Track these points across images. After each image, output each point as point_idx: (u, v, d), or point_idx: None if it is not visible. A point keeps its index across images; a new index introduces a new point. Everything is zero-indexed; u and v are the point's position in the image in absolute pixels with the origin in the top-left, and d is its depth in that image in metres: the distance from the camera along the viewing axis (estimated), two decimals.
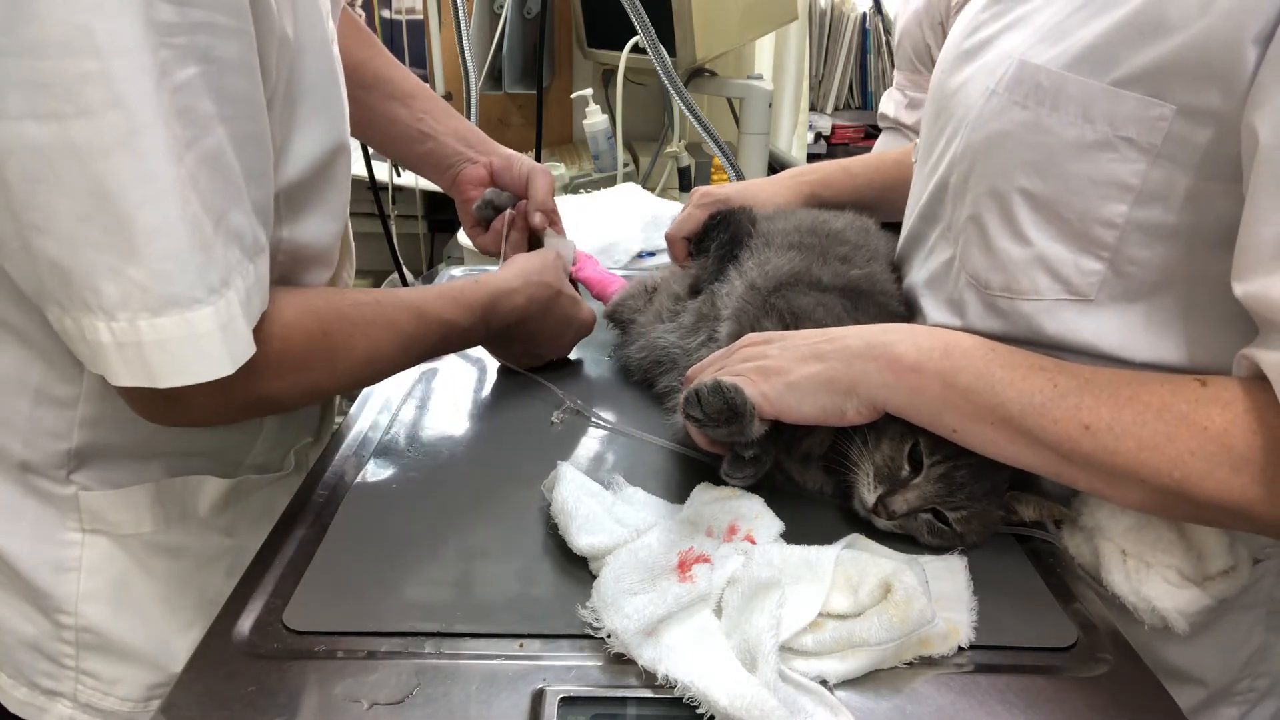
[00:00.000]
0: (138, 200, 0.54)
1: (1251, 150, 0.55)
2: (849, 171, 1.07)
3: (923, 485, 0.65)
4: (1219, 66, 0.56)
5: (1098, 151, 0.62)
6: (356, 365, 0.73)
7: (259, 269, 0.63)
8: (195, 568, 0.78)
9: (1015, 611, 0.61)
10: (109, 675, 0.77)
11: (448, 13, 2.05)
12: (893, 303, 0.83)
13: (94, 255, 0.54)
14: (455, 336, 0.82)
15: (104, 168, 0.53)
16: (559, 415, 0.85)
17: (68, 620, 0.75)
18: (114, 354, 0.57)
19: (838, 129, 3.36)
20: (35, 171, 0.52)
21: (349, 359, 0.72)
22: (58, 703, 0.78)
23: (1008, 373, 0.61)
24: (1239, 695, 0.75)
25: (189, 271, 0.57)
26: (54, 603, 0.74)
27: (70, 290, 0.56)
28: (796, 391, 0.65)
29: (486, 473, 0.76)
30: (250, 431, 0.81)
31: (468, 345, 0.89)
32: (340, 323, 0.71)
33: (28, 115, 0.51)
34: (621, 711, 0.53)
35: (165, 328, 0.57)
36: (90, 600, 0.74)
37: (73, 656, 0.76)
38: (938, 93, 0.80)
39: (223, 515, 0.80)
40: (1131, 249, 0.63)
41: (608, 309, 1.01)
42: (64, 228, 0.54)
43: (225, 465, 0.80)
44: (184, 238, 0.56)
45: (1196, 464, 0.55)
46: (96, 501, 0.73)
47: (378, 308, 0.75)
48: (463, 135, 1.07)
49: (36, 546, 0.73)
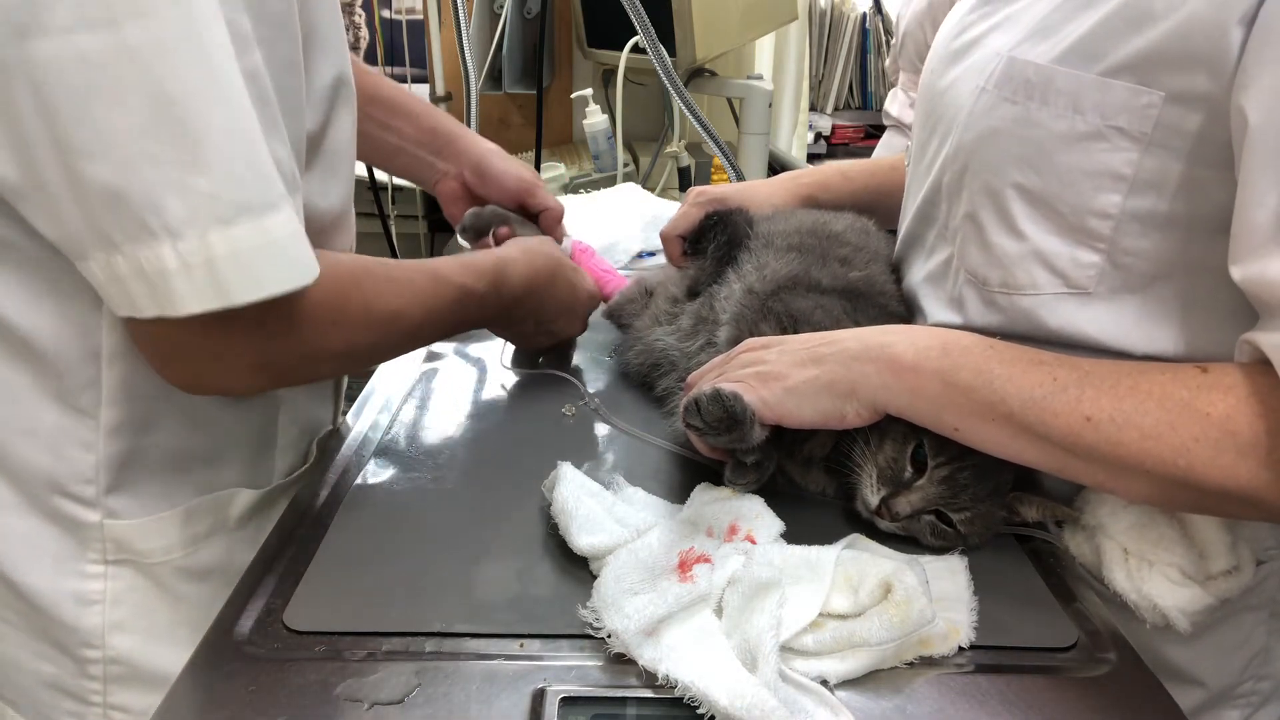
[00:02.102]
0: (205, 102, 0.51)
1: (1241, 133, 0.55)
2: (846, 175, 1.07)
3: (926, 487, 0.65)
4: (1205, 50, 0.56)
5: (1089, 143, 0.63)
6: (386, 321, 0.70)
7: (297, 204, 0.60)
8: (225, 585, 0.74)
9: (1015, 611, 0.61)
10: (139, 706, 0.73)
11: (448, 13, 2.05)
12: (892, 303, 0.83)
13: (155, 172, 0.51)
14: (472, 302, 0.80)
15: (166, 69, 0.50)
16: (570, 407, 0.85)
17: (94, 654, 0.71)
18: (181, 279, 0.53)
19: (838, 129, 3.36)
20: (88, 87, 0.49)
21: (381, 312, 0.69)
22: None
23: (1007, 368, 0.61)
24: (1241, 698, 0.75)
25: (259, 175, 0.54)
26: (80, 637, 0.71)
27: (126, 218, 0.52)
28: (796, 396, 0.65)
29: (487, 472, 0.76)
30: (270, 424, 0.79)
31: (483, 316, 0.84)
32: (368, 277, 0.69)
33: (77, 25, 0.48)
34: (622, 711, 0.53)
35: (239, 238, 0.53)
36: (117, 632, 0.71)
37: (100, 692, 0.73)
38: (927, 94, 0.80)
39: (250, 526, 0.77)
40: (1128, 240, 0.63)
41: (605, 310, 1.01)
42: (121, 145, 0.50)
43: (255, 473, 0.78)
44: (252, 138, 0.53)
45: (1201, 451, 0.55)
46: (123, 532, 0.70)
47: (397, 267, 0.73)
48: (429, 143, 1.02)
49: (58, 580, 0.70)
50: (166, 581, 0.73)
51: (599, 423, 0.84)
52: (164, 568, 0.72)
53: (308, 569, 0.62)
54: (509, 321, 0.89)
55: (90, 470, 0.68)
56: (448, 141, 1.02)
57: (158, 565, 0.72)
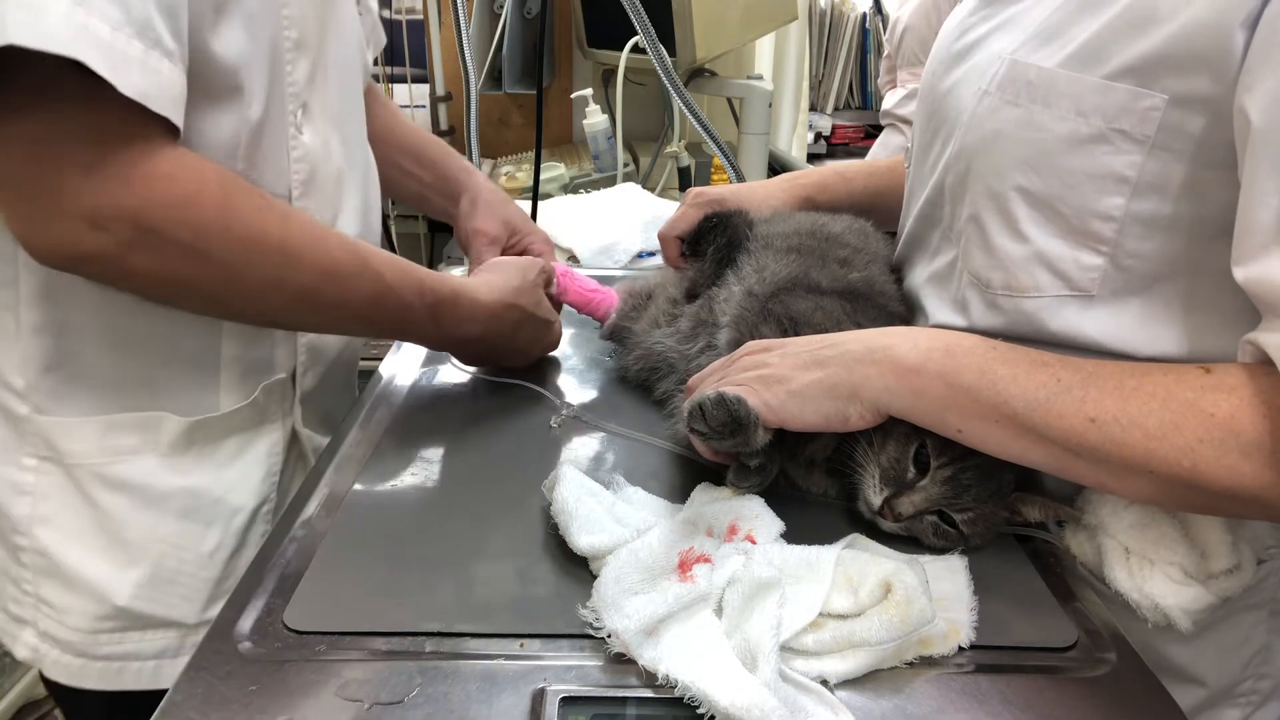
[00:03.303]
0: None
1: (1244, 135, 0.55)
2: (843, 176, 1.07)
3: (929, 487, 0.65)
4: (1208, 53, 0.56)
5: (1092, 145, 0.63)
6: (249, 242, 0.66)
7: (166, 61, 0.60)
8: (143, 505, 0.78)
9: (1015, 611, 0.61)
10: (60, 603, 0.78)
11: (448, 13, 2.05)
12: (892, 304, 0.83)
13: None
14: (393, 306, 0.77)
15: None
16: (557, 420, 0.85)
17: (23, 541, 0.77)
18: None
19: (838, 129, 3.36)
20: None
21: (245, 230, 0.66)
22: (25, 630, 0.80)
23: (1010, 370, 0.61)
24: (1241, 697, 0.75)
25: None
26: (10, 524, 0.77)
27: None
28: (799, 399, 0.65)
29: (486, 473, 0.76)
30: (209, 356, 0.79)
31: (406, 327, 0.82)
32: (250, 196, 0.67)
33: None
34: (622, 711, 0.53)
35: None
36: (42, 525, 0.77)
37: (31, 581, 0.78)
38: (929, 95, 0.80)
39: (180, 456, 0.79)
40: (1131, 242, 0.63)
41: (604, 332, 0.98)
42: None
43: (195, 405, 0.80)
44: None
45: (1206, 451, 0.54)
46: (48, 427, 0.75)
47: (310, 222, 0.73)
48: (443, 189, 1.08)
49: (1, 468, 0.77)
50: (87, 486, 0.77)
51: (598, 425, 0.84)
52: (83, 470, 0.77)
53: (308, 569, 0.62)
54: (452, 349, 0.90)
55: (19, 362, 0.74)
56: (456, 187, 1.07)
57: (77, 467, 0.77)
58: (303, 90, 0.79)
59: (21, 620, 0.80)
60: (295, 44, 0.77)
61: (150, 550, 0.79)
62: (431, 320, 0.81)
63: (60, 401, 0.75)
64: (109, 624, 0.79)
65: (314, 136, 0.82)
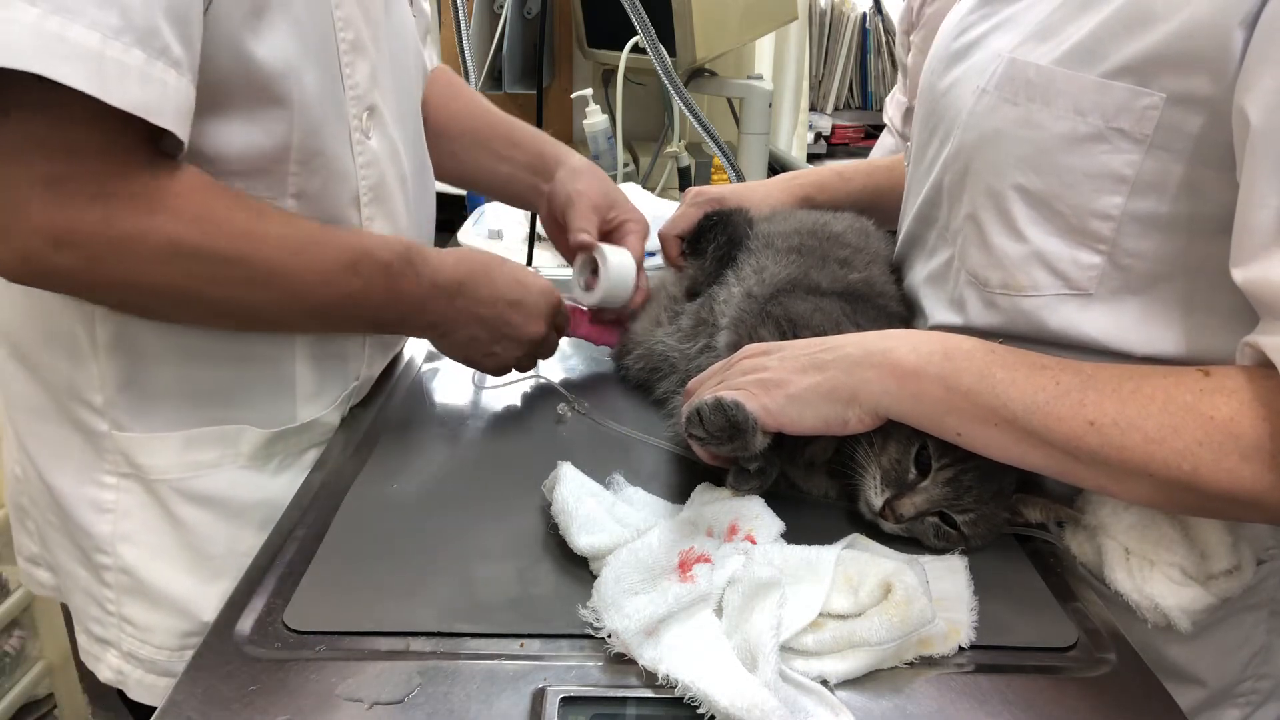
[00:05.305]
0: None
1: (1243, 134, 0.55)
2: (843, 176, 1.07)
3: (930, 489, 0.65)
4: (1207, 52, 0.56)
5: (1090, 144, 0.63)
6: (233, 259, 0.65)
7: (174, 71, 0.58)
8: (225, 518, 0.77)
9: (1015, 611, 0.61)
10: (144, 622, 0.77)
11: (448, 13, 2.05)
12: (892, 304, 0.83)
13: None
14: (374, 271, 0.72)
15: None
16: (565, 409, 0.85)
17: (106, 560, 0.76)
18: None
19: (838, 129, 3.36)
20: None
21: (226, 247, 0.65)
22: (109, 652, 0.79)
23: (1009, 373, 0.61)
24: (1241, 697, 0.75)
25: None
26: (94, 543, 0.76)
27: None
28: (798, 403, 0.64)
29: (486, 473, 0.76)
30: (284, 368, 0.78)
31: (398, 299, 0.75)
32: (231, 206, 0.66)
33: None
34: (622, 711, 0.53)
35: None
36: (124, 542, 0.76)
37: (114, 601, 0.77)
38: (928, 94, 0.80)
39: (260, 468, 0.78)
40: (1129, 241, 0.63)
41: (615, 353, 0.96)
42: None
43: (274, 416, 0.79)
44: None
45: (1205, 454, 0.54)
46: (127, 444, 0.74)
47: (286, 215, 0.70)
48: (537, 166, 1.02)
49: (79, 486, 0.75)
50: (169, 501, 0.76)
51: (596, 425, 0.84)
52: (164, 486, 0.76)
53: (308, 569, 0.62)
54: (448, 325, 0.80)
55: (96, 379, 0.73)
56: (551, 162, 1.02)
57: (158, 483, 0.76)
58: (365, 93, 0.76)
59: (105, 642, 0.79)
60: (352, 45, 0.74)
61: (234, 564, 0.75)
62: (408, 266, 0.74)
63: (138, 417, 0.74)
64: (195, 640, 0.75)
65: (381, 141, 0.79)
